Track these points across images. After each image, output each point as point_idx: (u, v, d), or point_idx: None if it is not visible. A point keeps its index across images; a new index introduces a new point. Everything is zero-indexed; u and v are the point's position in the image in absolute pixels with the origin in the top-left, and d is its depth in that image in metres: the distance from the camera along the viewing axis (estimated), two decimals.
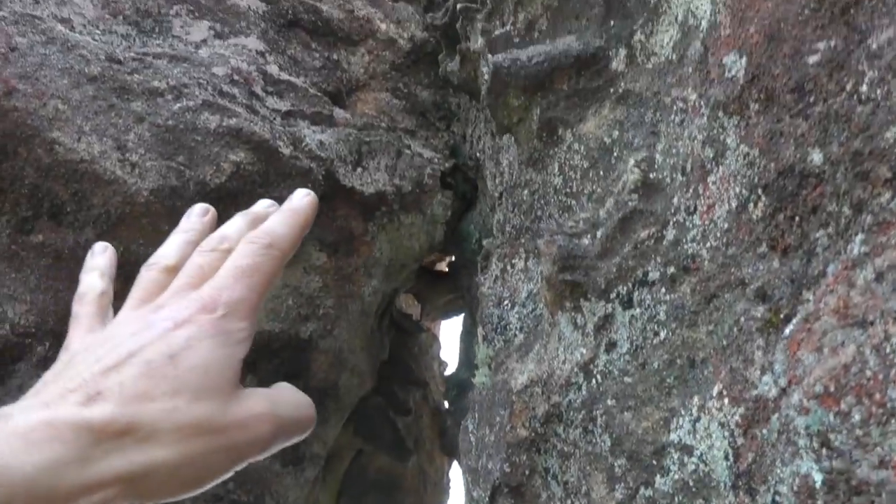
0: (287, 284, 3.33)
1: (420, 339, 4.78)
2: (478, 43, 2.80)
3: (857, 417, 1.16)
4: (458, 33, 3.30)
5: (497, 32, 2.61)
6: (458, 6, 3.04)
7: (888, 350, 1.14)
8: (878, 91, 1.33)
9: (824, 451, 1.20)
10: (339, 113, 3.57)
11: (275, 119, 3.32)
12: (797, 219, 1.43)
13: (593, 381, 1.80)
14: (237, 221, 1.50)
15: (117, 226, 2.96)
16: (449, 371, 4.39)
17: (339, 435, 3.92)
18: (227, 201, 3.02)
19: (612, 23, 2.26)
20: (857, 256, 1.27)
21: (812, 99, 1.45)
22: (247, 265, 1.29)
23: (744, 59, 1.61)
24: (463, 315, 4.05)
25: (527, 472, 1.97)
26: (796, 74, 1.48)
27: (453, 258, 4.14)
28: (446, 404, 4.13)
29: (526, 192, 2.50)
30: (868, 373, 1.16)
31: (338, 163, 3.30)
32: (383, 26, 4.14)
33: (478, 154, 3.44)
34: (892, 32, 1.33)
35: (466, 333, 3.91)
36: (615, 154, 2.13)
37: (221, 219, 2.42)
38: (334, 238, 3.40)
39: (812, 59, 1.46)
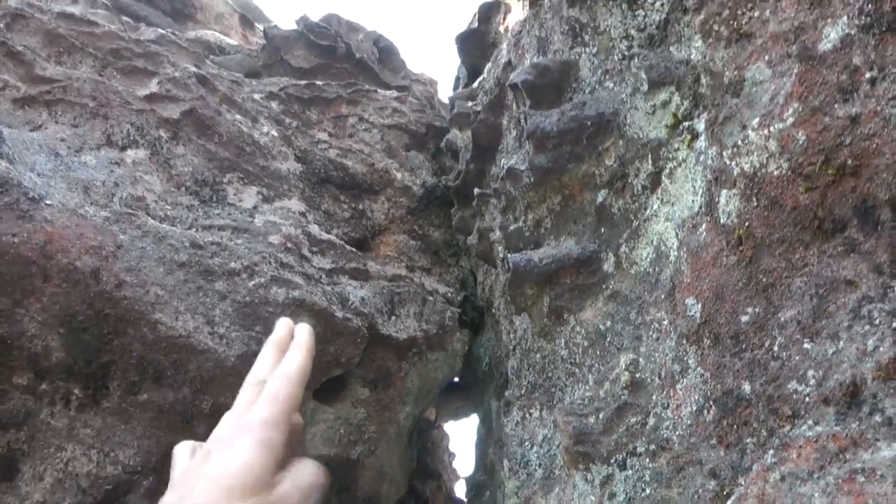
0: (339, 417, 4.09)
1: (433, 435, 5.53)
2: (496, 233, 3.59)
3: None
4: (468, 191, 4.09)
5: (511, 228, 3.40)
6: (476, 191, 3.83)
7: None
8: (784, 353, 2.13)
9: None
10: (371, 266, 4.35)
11: (322, 278, 4.09)
12: (735, 427, 2.21)
13: None
14: (266, 356, 2.40)
15: (209, 385, 3.70)
16: (465, 472, 5.11)
17: None
18: None
19: (602, 230, 3.07)
20: (770, 464, 2.05)
21: (744, 346, 2.24)
22: (274, 392, 2.15)
23: (699, 305, 2.40)
24: (477, 426, 4.79)
25: None
26: (734, 327, 2.28)
27: (463, 373, 4.89)
28: (464, 497, 4.85)
29: (538, 356, 3.28)
30: None
31: (376, 315, 4.07)
32: (399, 175, 4.95)
33: (490, 298, 4.21)
34: (794, 312, 2.14)
35: (481, 442, 4.65)
36: (608, 339, 2.91)
37: None
38: (374, 376, 4.16)
39: (744, 318, 2.25)
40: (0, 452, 3.68)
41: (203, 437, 3.60)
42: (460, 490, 5.63)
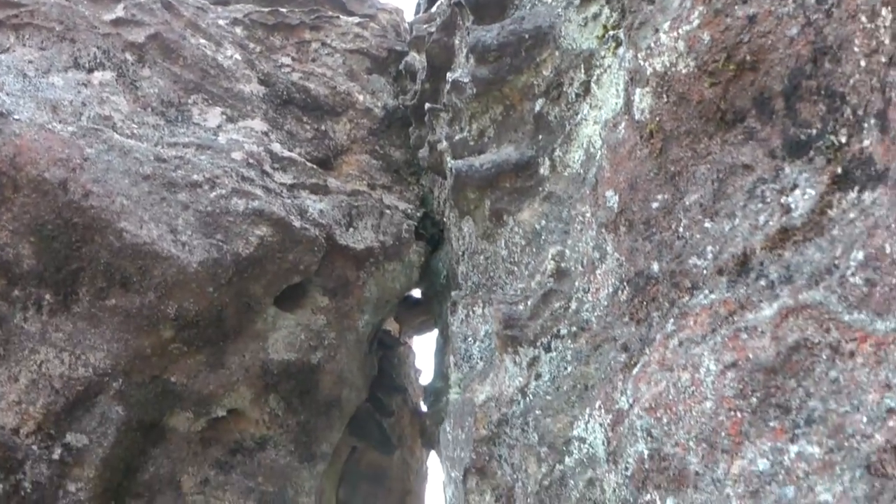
0: (299, 323, 4.30)
1: (399, 352, 5.77)
2: (443, 143, 3.77)
3: (664, 420, 2.17)
4: (423, 111, 4.27)
5: (457, 138, 3.59)
6: (427, 105, 4.01)
7: (680, 385, 2.15)
8: (688, 233, 2.34)
9: (649, 438, 2.20)
10: (332, 182, 4.54)
11: (282, 192, 4.28)
12: (644, 303, 2.43)
13: (527, 398, 2.81)
14: None
15: (173, 289, 3.90)
16: (426, 381, 5.34)
17: None
18: (256, 266, 3.98)
19: (539, 137, 3.26)
20: (670, 331, 2.27)
21: (654, 230, 2.45)
22: None
23: (617, 197, 2.60)
24: (436, 335, 5.01)
25: (487, 458, 2.95)
26: (645, 213, 2.48)
27: (424, 288, 5.10)
28: (425, 408, 5.09)
29: (482, 257, 3.49)
30: (671, 397, 2.17)
31: (335, 226, 4.27)
32: (361, 97, 5.11)
33: (443, 212, 4.40)
34: (697, 196, 2.34)
35: (439, 351, 4.86)
36: (542, 238, 3.12)
37: (250, 283, 3.45)
38: (334, 285, 4.37)
39: (654, 205, 2.46)
40: None
41: (170, 341, 3.82)
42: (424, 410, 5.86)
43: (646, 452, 2.20)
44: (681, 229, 2.36)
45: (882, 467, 1.66)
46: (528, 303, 2.86)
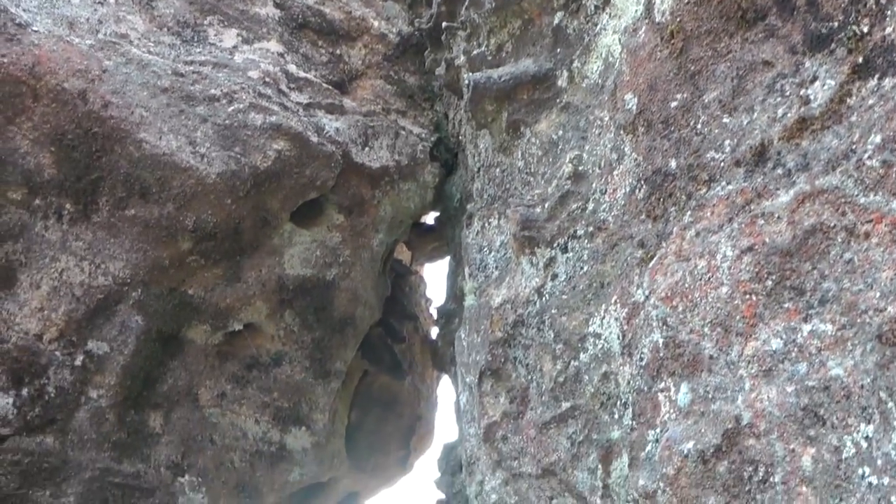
0: (315, 240, 4.35)
1: (410, 280, 5.83)
2: (460, 59, 3.79)
3: (680, 308, 2.21)
4: (439, 34, 4.27)
5: (475, 52, 3.60)
6: (444, 24, 4.02)
7: (696, 273, 2.20)
8: (706, 129, 2.37)
9: (664, 327, 2.25)
10: (347, 102, 4.56)
11: (299, 111, 4.30)
12: (661, 200, 2.47)
13: (543, 298, 2.86)
14: None
15: (191, 201, 3.94)
16: (438, 304, 5.39)
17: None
18: (273, 180, 4.02)
19: (558, 50, 3.27)
20: (686, 223, 2.32)
21: (672, 129, 2.48)
22: None
23: (636, 99, 2.63)
24: (448, 259, 5.06)
25: (502, 360, 3.01)
26: (665, 112, 2.51)
27: (438, 213, 5.14)
28: (436, 330, 5.15)
29: (498, 170, 3.52)
30: (686, 285, 2.22)
31: (350, 145, 4.30)
32: (376, 23, 5.10)
33: (459, 133, 4.43)
34: (717, 93, 2.37)
35: (452, 274, 4.91)
36: (560, 147, 3.15)
37: (268, 197, 3.49)
38: (349, 203, 4.41)
39: (673, 104, 2.49)
40: None
41: (188, 253, 3.88)
42: (435, 332, 5.92)
43: (661, 341, 2.25)
44: (699, 126, 2.39)
45: (893, 336, 1.71)
46: (546, 205, 2.90)
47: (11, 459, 3.96)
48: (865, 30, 2.02)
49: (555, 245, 2.85)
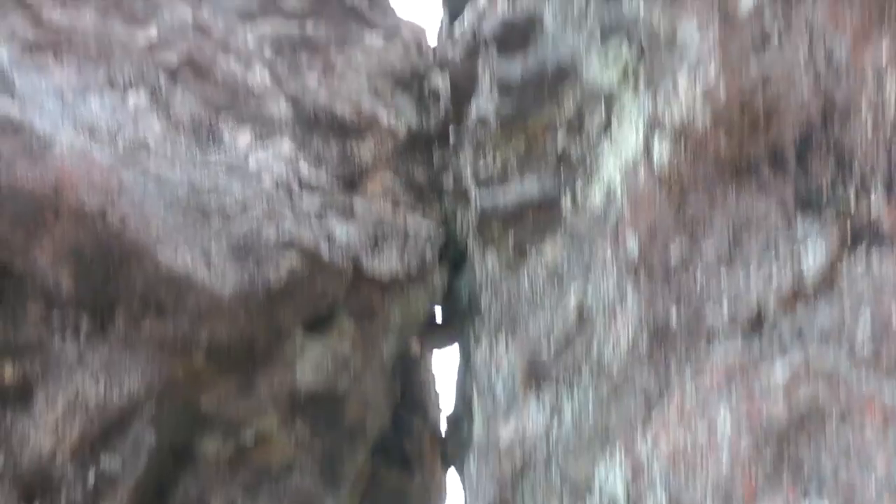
0: (326, 348, 4.38)
1: (420, 372, 5.82)
2: (467, 171, 3.85)
3: (682, 472, 2.22)
4: (448, 134, 4.35)
5: (481, 169, 3.67)
6: (451, 132, 4.09)
7: (697, 442, 2.20)
8: (704, 281, 2.40)
9: (668, 489, 2.26)
10: (358, 204, 4.60)
11: (310, 216, 4.34)
12: (663, 351, 2.49)
13: (550, 441, 2.89)
14: None
15: (206, 316, 3.98)
16: (446, 405, 5.39)
17: None
18: (285, 295, 4.07)
19: (561, 171, 3.32)
20: (687, 379, 2.33)
21: (673, 278, 2.51)
22: None
23: (637, 242, 2.67)
24: (458, 357, 5.07)
25: (510, 497, 3.04)
26: (665, 259, 2.54)
27: (446, 307, 5.15)
28: (444, 433, 5.13)
29: (504, 289, 3.56)
30: (689, 451, 2.23)
31: (361, 252, 4.33)
32: (385, 118, 5.16)
33: (466, 235, 4.46)
34: (715, 246, 2.41)
35: (460, 376, 4.90)
36: (564, 273, 3.18)
37: (280, 310, 3.54)
38: (360, 309, 4.44)
39: (673, 252, 2.52)
40: (16, 381, 3.98)
41: (202, 367, 3.92)
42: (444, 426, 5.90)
43: (664, 502, 2.26)
44: (698, 276, 2.42)
45: None
46: (552, 342, 2.93)
47: None
48: (852, 199, 2.06)
49: (560, 384, 2.88)
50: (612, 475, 2.56)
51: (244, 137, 4.68)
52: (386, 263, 4.45)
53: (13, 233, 3.82)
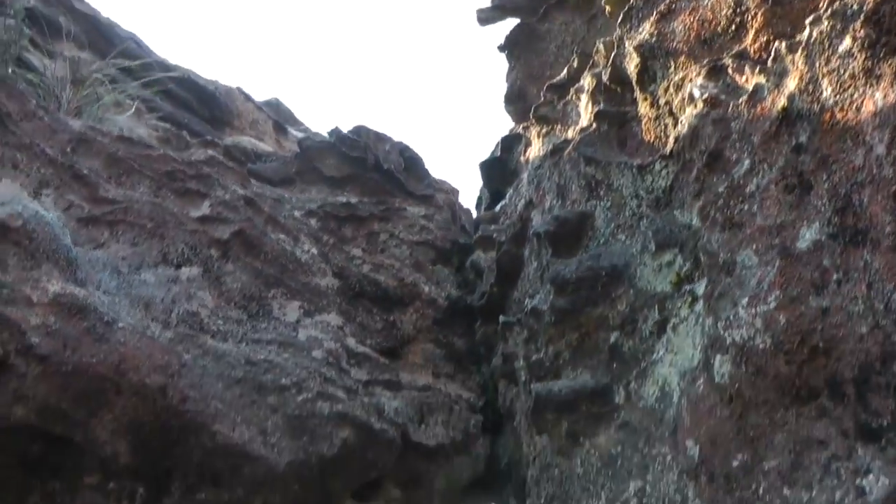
0: None
1: None
2: (520, 361, 4.07)
3: None
4: (490, 310, 4.58)
5: (533, 358, 3.88)
6: (501, 319, 4.33)
7: None
8: (767, 496, 2.58)
9: None
10: (403, 377, 4.83)
11: (359, 390, 4.56)
12: None
13: None
14: None
15: (261, 487, 4.15)
16: None
17: None
18: (337, 465, 4.24)
19: (614, 366, 3.54)
20: None
21: (734, 487, 2.69)
22: None
23: (697, 448, 2.86)
24: None
25: None
26: (726, 469, 2.73)
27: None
28: None
29: (556, 471, 3.74)
30: None
31: (409, 424, 4.54)
32: (426, 288, 5.44)
33: (508, 406, 4.66)
34: (776, 462, 2.59)
35: None
36: (619, 463, 3.37)
37: (331, 480, 3.68)
38: (406, 478, 4.62)
39: (735, 463, 2.71)
40: None
41: None
42: None
43: None
44: (760, 491, 2.61)
45: None
46: None
47: None
48: None
49: None
50: None
51: (293, 311, 4.93)
52: (432, 434, 4.66)
53: (76, 409, 4.01)
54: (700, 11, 3.34)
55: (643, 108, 3.65)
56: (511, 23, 5.78)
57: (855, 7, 2.59)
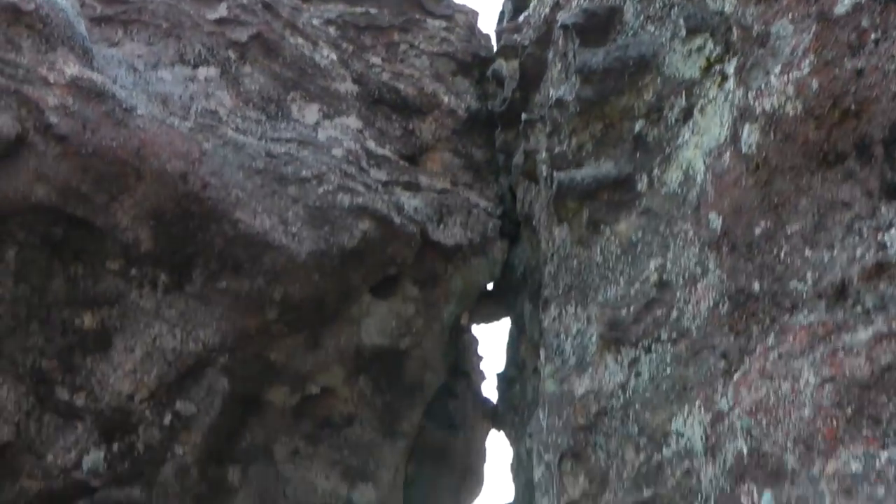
0: (391, 310, 4.65)
1: (464, 339, 6.09)
2: (542, 154, 4.08)
3: (764, 422, 2.47)
4: (512, 117, 4.58)
5: (556, 150, 3.89)
6: (524, 116, 4.32)
7: (781, 393, 2.46)
8: (788, 259, 2.64)
9: (749, 437, 2.51)
10: (422, 179, 4.86)
11: (379, 188, 4.60)
12: (744, 318, 2.73)
13: (627, 394, 3.14)
14: None
15: (281, 276, 4.24)
16: (491, 374, 5.67)
17: None
18: (357, 257, 4.32)
19: (637, 155, 3.55)
20: (770, 345, 2.58)
21: (756, 253, 2.74)
22: None
23: (720, 219, 2.90)
24: (510, 328, 5.35)
25: (584, 445, 3.29)
26: (749, 237, 2.78)
27: (498, 281, 5.42)
28: (496, 393, 5.43)
29: (575, 261, 3.80)
30: (771, 402, 2.48)
31: (427, 223, 4.60)
32: (446, 98, 5.42)
33: (528, 213, 4.71)
34: (799, 226, 2.64)
35: (513, 342, 5.20)
36: (639, 249, 3.43)
37: (351, 273, 3.75)
38: (424, 276, 4.72)
39: (757, 230, 2.75)
40: (95, 327, 4.22)
41: (274, 323, 4.17)
42: (485, 389, 6.20)
43: (745, 449, 2.52)
44: (782, 255, 2.66)
45: None
46: (631, 308, 3.18)
47: None
48: None
49: (639, 346, 3.13)
50: (689, 425, 2.82)
51: (312, 114, 4.93)
52: (451, 234, 4.72)
53: (96, 192, 4.07)
54: None
55: None
56: None
57: None
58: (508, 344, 5.28)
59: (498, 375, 5.27)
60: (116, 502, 4.30)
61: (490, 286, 5.66)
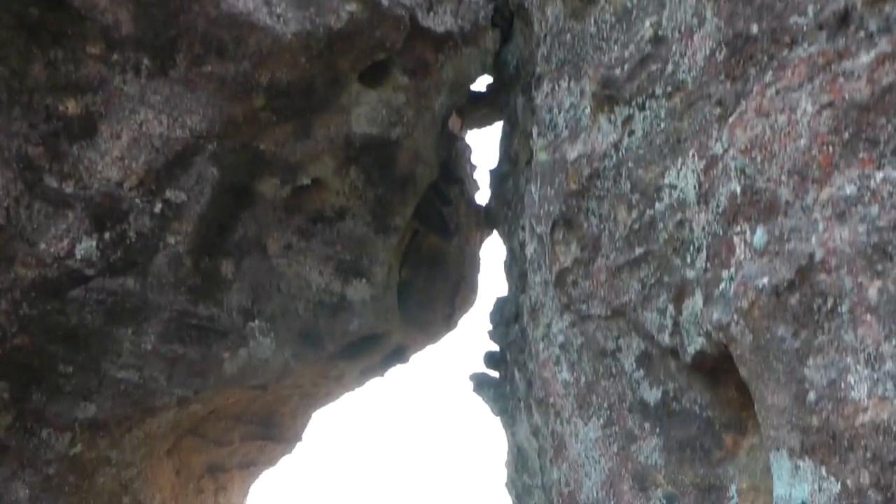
0: (381, 99, 4.54)
1: (458, 146, 6.02)
2: None
3: (758, 159, 2.42)
4: None
5: None
6: None
7: (776, 127, 2.39)
8: None
9: (742, 176, 2.46)
10: None
11: None
12: (741, 61, 2.63)
13: (620, 152, 3.07)
14: None
15: (267, 59, 4.11)
16: (483, 167, 5.62)
17: None
18: (345, 40, 4.18)
19: None
20: (767, 82, 2.49)
21: None
22: None
23: None
24: (502, 125, 5.24)
25: (576, 210, 3.24)
26: None
27: (490, 80, 5.31)
28: (489, 191, 5.39)
29: (568, 35, 3.67)
30: (766, 137, 2.41)
31: (417, 9, 4.44)
32: None
33: (519, 1, 4.54)
34: None
35: (505, 138, 5.11)
36: (634, 15, 3.29)
37: (339, 57, 3.62)
38: (414, 65, 4.58)
39: None
40: (80, 113, 4.12)
41: (261, 109, 4.06)
42: (479, 198, 6.17)
43: (738, 189, 2.46)
44: None
45: None
46: (625, 67, 3.07)
47: (96, 298, 4.26)
48: None
49: (633, 103, 3.03)
50: (682, 176, 2.76)
51: None
52: (441, 21, 4.56)
53: None
54: None
55: None
56: None
57: None
58: (501, 140, 5.19)
59: (491, 172, 5.20)
60: (111, 292, 4.31)
61: (483, 88, 5.56)
